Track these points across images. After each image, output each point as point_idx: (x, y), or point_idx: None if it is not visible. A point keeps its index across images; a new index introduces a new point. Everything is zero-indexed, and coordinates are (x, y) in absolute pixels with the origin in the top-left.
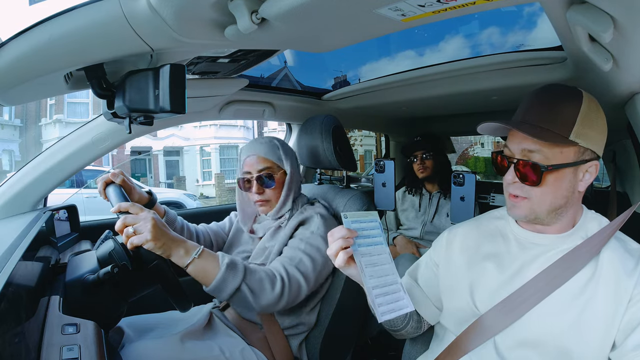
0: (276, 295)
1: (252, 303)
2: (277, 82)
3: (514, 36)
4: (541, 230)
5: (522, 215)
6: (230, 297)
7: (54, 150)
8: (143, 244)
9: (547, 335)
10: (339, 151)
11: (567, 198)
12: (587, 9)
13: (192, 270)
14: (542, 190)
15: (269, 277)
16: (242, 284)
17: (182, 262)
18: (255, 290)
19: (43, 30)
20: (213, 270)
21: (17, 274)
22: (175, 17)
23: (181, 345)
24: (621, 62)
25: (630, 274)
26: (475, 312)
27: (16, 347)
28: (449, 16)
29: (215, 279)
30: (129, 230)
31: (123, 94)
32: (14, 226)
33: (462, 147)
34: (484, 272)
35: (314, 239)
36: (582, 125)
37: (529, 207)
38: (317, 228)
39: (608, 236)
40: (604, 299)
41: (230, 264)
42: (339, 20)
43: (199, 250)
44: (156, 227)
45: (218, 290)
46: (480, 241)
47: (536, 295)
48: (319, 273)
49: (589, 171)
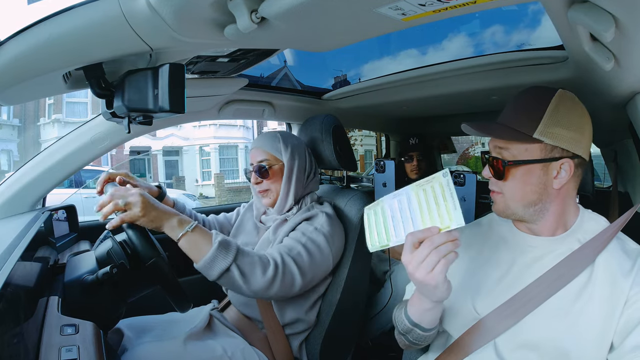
0: (267, 281)
1: (241, 285)
2: (277, 81)
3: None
4: (535, 232)
5: (499, 209)
6: (219, 277)
7: (52, 150)
8: (133, 220)
9: (546, 338)
10: (339, 151)
11: (538, 193)
12: (589, 8)
13: (183, 244)
14: (511, 184)
15: (261, 261)
16: (232, 265)
17: (175, 234)
18: (246, 273)
19: (42, 30)
20: (205, 246)
21: (16, 275)
22: (174, 16)
23: (183, 348)
24: (623, 61)
25: (626, 274)
26: (475, 315)
27: (15, 347)
28: (450, 15)
29: (206, 256)
30: (120, 203)
31: (122, 94)
32: (12, 226)
33: (463, 147)
34: (484, 276)
35: (316, 235)
36: (547, 124)
37: (503, 201)
38: (320, 225)
39: (609, 238)
40: (601, 300)
41: (223, 243)
42: (339, 20)
43: (192, 224)
44: (145, 202)
45: (207, 268)
46: (480, 244)
47: (537, 298)
48: (316, 270)
49: (563, 168)
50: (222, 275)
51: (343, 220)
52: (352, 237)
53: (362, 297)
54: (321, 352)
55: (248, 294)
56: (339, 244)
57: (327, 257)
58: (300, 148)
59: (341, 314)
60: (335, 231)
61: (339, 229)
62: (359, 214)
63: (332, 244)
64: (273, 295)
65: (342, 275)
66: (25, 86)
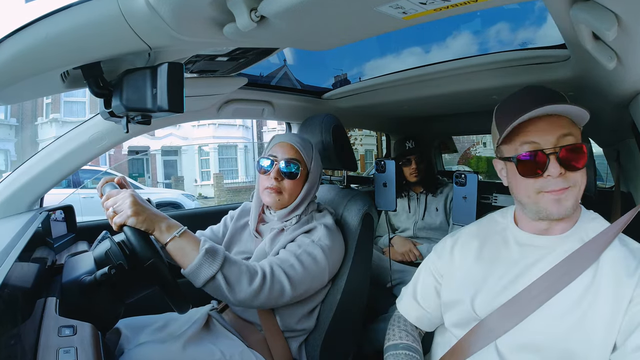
0: (253, 291)
1: (226, 294)
2: (276, 80)
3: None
4: (544, 231)
5: (570, 206)
6: (204, 285)
7: (50, 149)
8: (125, 221)
9: (548, 339)
10: (339, 151)
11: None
12: (591, 6)
13: (171, 249)
14: (582, 173)
15: (249, 271)
16: (217, 273)
17: (163, 238)
18: (231, 282)
19: (39, 28)
20: (191, 253)
21: (13, 275)
22: (173, 15)
23: (182, 351)
24: (625, 60)
25: (631, 274)
26: (475, 317)
27: (12, 349)
28: (451, 14)
29: (192, 263)
30: (109, 212)
31: (120, 93)
32: (10, 227)
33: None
34: (485, 277)
35: (312, 248)
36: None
37: (575, 196)
38: (318, 238)
39: (611, 238)
40: (605, 300)
41: (210, 250)
42: (339, 18)
43: (181, 229)
44: (136, 203)
45: (194, 275)
46: (481, 246)
47: (538, 298)
48: (310, 282)
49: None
50: (208, 283)
51: (343, 221)
52: (353, 238)
53: (363, 299)
54: (321, 354)
55: (233, 303)
56: (337, 257)
57: (322, 270)
58: (319, 159)
59: (341, 316)
60: (334, 244)
61: (338, 241)
62: (359, 214)
63: (329, 257)
64: (259, 305)
65: (342, 278)
66: (23, 85)
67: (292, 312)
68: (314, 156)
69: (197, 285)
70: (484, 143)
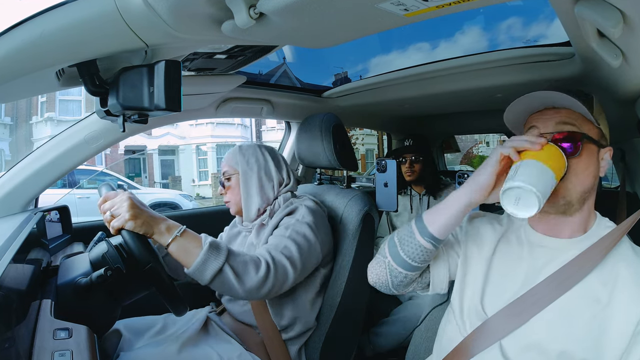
0: (260, 278)
1: (235, 285)
2: (275, 79)
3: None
4: (554, 233)
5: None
6: (212, 279)
7: (45, 149)
8: (123, 225)
9: (553, 340)
10: (340, 150)
11: (593, 179)
12: (596, 3)
13: (173, 250)
14: (580, 163)
15: (253, 260)
16: (224, 265)
17: (164, 239)
18: (239, 272)
19: (34, 26)
20: (195, 249)
21: (7, 277)
22: (170, 12)
23: (177, 354)
24: (631, 58)
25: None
26: (482, 315)
27: (6, 352)
28: (454, 11)
29: (197, 259)
30: (107, 215)
31: (117, 91)
32: (4, 227)
33: (467, 146)
34: (496, 275)
35: (299, 226)
36: (598, 110)
37: (563, 186)
38: (302, 216)
39: (617, 238)
40: (619, 305)
41: (213, 244)
42: (340, 15)
43: (181, 228)
44: (134, 206)
45: (200, 271)
46: (494, 242)
47: (543, 299)
48: (306, 259)
49: (605, 157)
50: (216, 276)
51: (343, 222)
52: (353, 239)
53: (363, 301)
54: (321, 357)
55: (242, 295)
56: (324, 232)
57: (314, 246)
58: (258, 154)
59: (341, 318)
60: (318, 220)
61: (321, 219)
62: (360, 214)
63: (316, 232)
64: (267, 293)
65: (342, 278)
66: (17, 84)
67: (291, 304)
68: (241, 155)
69: (204, 281)
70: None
